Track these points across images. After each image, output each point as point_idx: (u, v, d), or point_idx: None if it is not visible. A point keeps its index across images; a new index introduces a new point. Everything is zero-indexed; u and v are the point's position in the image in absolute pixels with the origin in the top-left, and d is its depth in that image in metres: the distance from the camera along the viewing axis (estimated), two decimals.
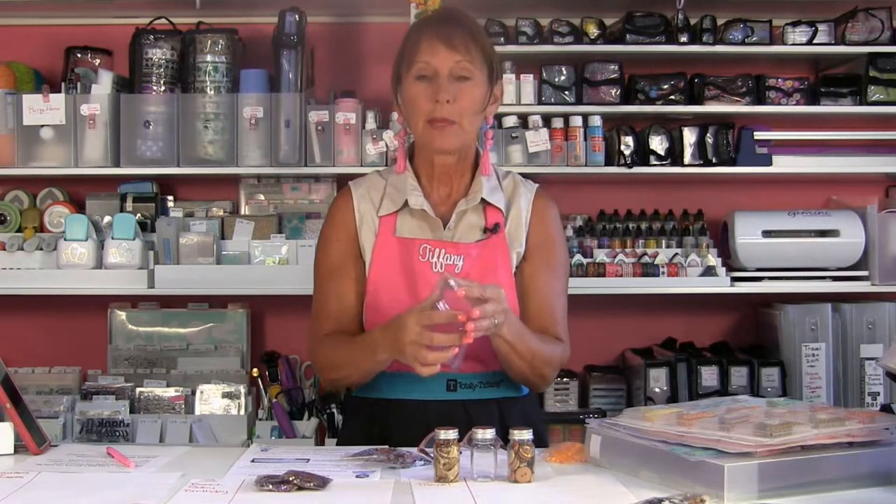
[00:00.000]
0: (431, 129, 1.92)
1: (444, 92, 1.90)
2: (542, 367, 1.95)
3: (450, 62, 1.91)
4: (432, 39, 1.92)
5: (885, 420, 1.60)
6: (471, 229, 2.00)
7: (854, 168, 3.17)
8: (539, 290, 2.00)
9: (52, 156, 3.02)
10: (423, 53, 1.92)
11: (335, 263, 2.03)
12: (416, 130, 1.96)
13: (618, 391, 3.17)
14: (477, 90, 1.94)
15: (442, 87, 1.90)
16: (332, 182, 3.23)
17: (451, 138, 1.93)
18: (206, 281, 2.99)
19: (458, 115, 1.91)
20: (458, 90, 1.91)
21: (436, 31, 1.93)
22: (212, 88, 3.02)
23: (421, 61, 1.92)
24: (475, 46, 1.93)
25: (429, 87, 1.92)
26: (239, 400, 2.98)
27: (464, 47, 1.91)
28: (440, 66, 1.91)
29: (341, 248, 2.03)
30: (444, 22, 1.96)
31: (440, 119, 1.91)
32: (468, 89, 1.92)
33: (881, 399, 3.05)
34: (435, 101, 1.90)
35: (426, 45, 1.92)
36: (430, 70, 1.92)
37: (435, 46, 1.91)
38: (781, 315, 3.09)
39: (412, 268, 1.97)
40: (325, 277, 2.04)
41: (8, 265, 3.01)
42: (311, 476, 1.56)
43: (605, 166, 3.06)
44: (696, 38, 3.07)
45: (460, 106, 1.91)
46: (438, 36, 1.92)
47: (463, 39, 1.92)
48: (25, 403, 1.84)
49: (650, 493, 1.47)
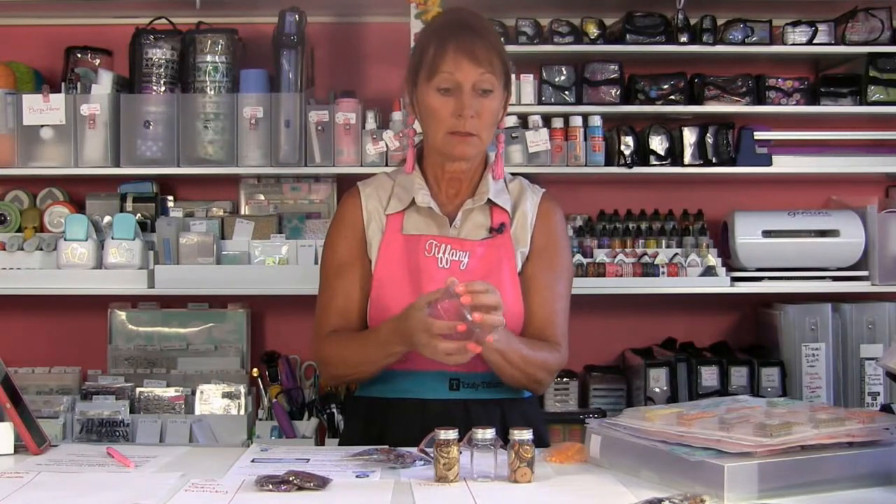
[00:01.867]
0: (453, 138, 1.94)
1: (469, 108, 1.91)
2: (536, 373, 1.95)
3: (474, 76, 1.92)
4: (457, 52, 1.92)
5: (885, 420, 1.60)
6: (476, 228, 2.02)
7: (854, 168, 3.17)
8: (540, 291, 2.01)
9: (52, 156, 3.02)
10: (447, 65, 1.92)
11: (342, 260, 2.04)
12: (434, 138, 1.97)
13: (618, 391, 3.17)
14: (496, 102, 1.96)
15: (466, 102, 1.91)
16: (332, 182, 3.23)
17: (470, 148, 1.95)
18: (206, 281, 2.99)
19: (479, 129, 1.94)
20: (480, 105, 1.93)
21: (459, 43, 1.92)
22: (212, 88, 3.02)
23: (444, 72, 1.92)
24: (497, 59, 1.94)
25: (451, 99, 1.92)
26: (239, 400, 2.98)
27: (488, 61, 1.92)
28: (464, 80, 1.91)
29: (349, 245, 2.04)
30: (466, 30, 1.95)
31: (463, 132, 1.92)
32: (489, 103, 1.94)
33: (881, 399, 3.04)
34: (458, 116, 1.92)
35: (451, 57, 1.92)
36: (453, 83, 1.92)
37: (459, 59, 1.91)
38: (781, 315, 3.09)
39: (417, 263, 1.98)
40: (331, 274, 2.06)
41: (8, 265, 3.01)
42: (311, 476, 1.56)
43: (605, 166, 3.06)
44: (696, 38, 3.07)
45: (483, 120, 1.94)
46: (462, 49, 1.92)
47: (487, 53, 1.92)
48: (25, 403, 1.84)
49: (650, 493, 1.47)
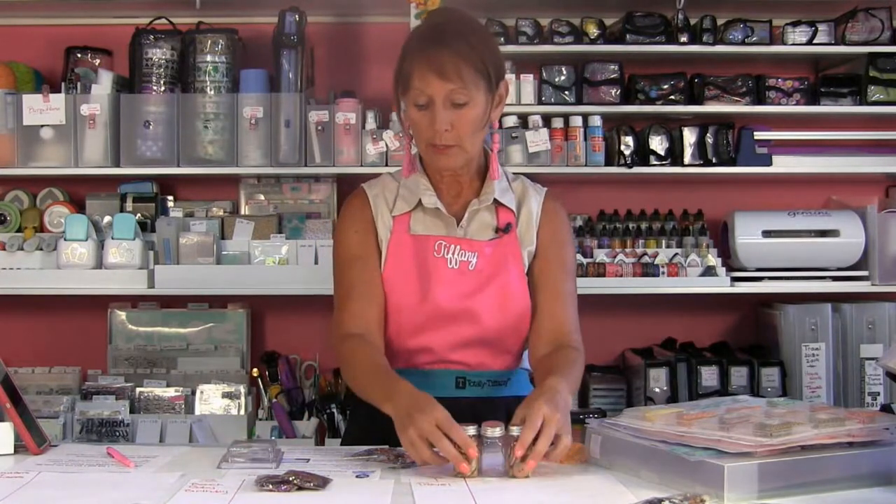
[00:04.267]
0: (435, 151, 1.92)
1: (440, 122, 1.87)
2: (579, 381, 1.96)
3: (443, 91, 1.86)
4: (422, 68, 1.86)
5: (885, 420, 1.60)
6: (483, 228, 2.01)
7: (854, 168, 3.17)
8: (550, 289, 2.00)
9: (52, 156, 3.02)
10: (416, 81, 1.87)
11: (356, 252, 1.99)
12: (420, 149, 1.96)
13: (618, 391, 3.17)
14: (475, 111, 1.89)
15: (438, 117, 1.87)
16: (332, 182, 3.23)
17: (453, 159, 1.93)
18: (206, 281, 2.99)
19: (458, 140, 1.90)
20: (454, 117, 1.88)
21: (427, 58, 1.86)
22: (212, 88, 3.02)
23: (416, 88, 1.88)
24: (467, 68, 1.86)
25: (427, 114, 1.89)
26: (239, 400, 2.98)
27: (455, 74, 1.85)
28: (434, 94, 1.87)
29: (361, 238, 2.00)
30: (433, 43, 1.88)
31: (441, 144, 1.90)
32: (465, 113, 1.88)
33: (881, 399, 3.05)
34: (434, 130, 1.88)
35: (417, 74, 1.87)
36: (425, 98, 1.88)
37: (426, 75, 1.86)
38: (781, 315, 3.09)
39: (426, 264, 1.97)
40: (346, 266, 2.00)
41: (8, 265, 3.01)
42: (311, 476, 1.56)
43: (605, 166, 3.06)
44: (696, 38, 3.07)
45: (459, 130, 1.89)
46: (429, 65, 1.86)
47: (454, 65, 1.85)
48: (25, 403, 1.84)
49: (650, 493, 1.47)
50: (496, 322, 1.96)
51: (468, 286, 1.96)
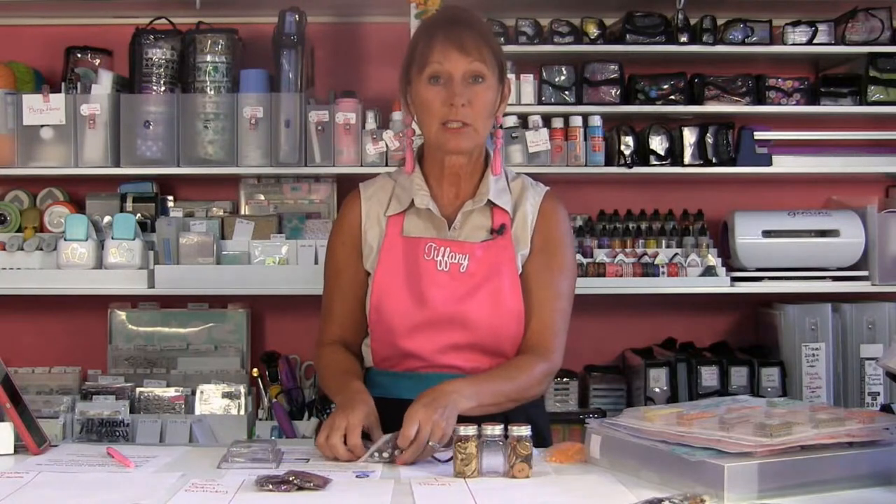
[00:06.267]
0: (446, 131, 1.93)
1: (460, 96, 1.91)
2: (526, 393, 1.94)
3: (463, 65, 1.92)
4: (444, 43, 1.92)
5: (885, 420, 1.60)
6: (476, 230, 2.01)
7: (854, 168, 3.17)
8: (537, 291, 2.00)
9: (52, 156, 3.02)
10: (435, 56, 1.92)
11: (339, 266, 2.08)
12: (429, 133, 1.97)
13: (618, 391, 3.17)
14: (490, 92, 1.95)
15: (457, 90, 1.91)
16: (332, 182, 3.23)
17: (465, 140, 1.94)
18: (206, 281, 2.99)
19: (473, 118, 1.93)
20: (472, 93, 1.92)
21: (447, 35, 1.93)
22: (212, 88, 3.02)
23: (434, 63, 1.92)
24: (487, 48, 1.94)
25: (442, 90, 1.92)
26: (239, 400, 2.98)
27: (476, 50, 1.92)
28: (454, 70, 1.92)
29: (346, 251, 2.07)
30: (454, 24, 1.96)
31: (456, 122, 1.92)
32: (482, 92, 1.94)
33: (881, 399, 3.05)
34: (450, 105, 1.91)
35: (439, 48, 1.92)
36: (444, 73, 1.92)
37: (447, 50, 1.92)
38: (781, 315, 3.09)
39: (417, 266, 1.98)
40: (330, 279, 2.10)
41: (8, 265, 3.01)
42: (311, 476, 1.56)
43: (605, 166, 3.06)
44: (696, 38, 3.07)
45: (475, 109, 1.93)
46: (450, 39, 1.92)
47: (475, 42, 1.92)
48: (25, 403, 1.84)
49: (650, 493, 1.48)
50: (488, 327, 1.96)
51: (460, 290, 1.96)
